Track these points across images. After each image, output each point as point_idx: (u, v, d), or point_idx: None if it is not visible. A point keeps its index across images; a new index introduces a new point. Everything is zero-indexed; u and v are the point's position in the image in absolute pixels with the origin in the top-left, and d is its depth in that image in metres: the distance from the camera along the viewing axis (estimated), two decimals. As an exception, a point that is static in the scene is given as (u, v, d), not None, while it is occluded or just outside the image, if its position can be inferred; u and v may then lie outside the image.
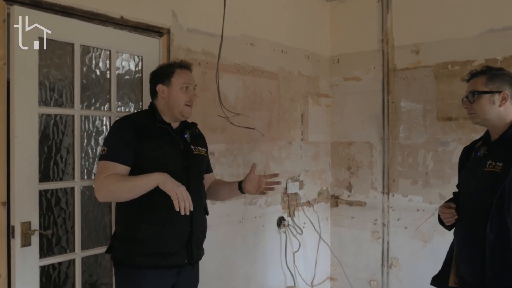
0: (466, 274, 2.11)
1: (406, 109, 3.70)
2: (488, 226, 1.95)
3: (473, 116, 2.14)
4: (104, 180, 2.02)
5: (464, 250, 2.13)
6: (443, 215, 2.20)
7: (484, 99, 2.07)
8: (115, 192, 2.04)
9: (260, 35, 3.39)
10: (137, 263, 2.09)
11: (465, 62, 3.40)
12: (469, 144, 2.34)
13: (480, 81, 2.09)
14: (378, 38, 3.83)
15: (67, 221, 2.34)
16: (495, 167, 1.99)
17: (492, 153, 2.06)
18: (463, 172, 2.24)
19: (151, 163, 2.11)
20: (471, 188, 2.14)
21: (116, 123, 2.21)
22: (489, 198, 1.97)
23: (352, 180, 4.00)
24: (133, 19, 2.57)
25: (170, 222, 2.12)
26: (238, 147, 3.22)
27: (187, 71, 2.29)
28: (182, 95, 2.22)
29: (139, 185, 2.02)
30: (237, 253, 3.23)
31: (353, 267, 3.96)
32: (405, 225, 3.70)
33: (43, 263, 2.23)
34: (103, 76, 2.51)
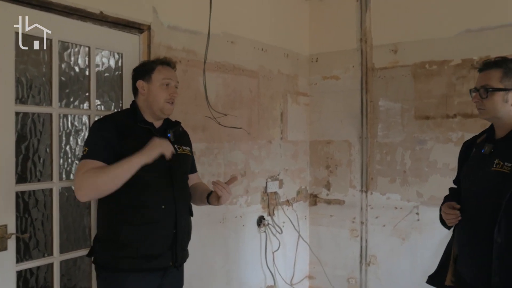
0: (467, 276, 2.04)
1: (384, 108, 3.73)
2: (496, 229, 1.85)
3: (482, 111, 2.01)
4: (84, 175, 1.93)
5: (466, 252, 2.05)
6: (446, 216, 2.09)
7: (497, 96, 1.93)
8: (98, 184, 1.93)
9: (240, 33, 3.36)
10: (121, 267, 2.03)
11: (443, 61, 3.46)
12: (469, 139, 2.25)
13: (495, 75, 1.94)
14: (357, 37, 3.86)
15: (45, 224, 2.25)
16: (503, 167, 1.88)
17: (500, 151, 1.95)
18: (464, 169, 2.16)
19: None
20: (474, 187, 2.04)
21: (96, 123, 2.14)
22: (495, 199, 1.87)
23: (331, 179, 4.01)
24: (113, 14, 2.49)
25: (154, 224, 2.07)
26: (219, 146, 3.18)
27: (168, 68, 2.23)
28: (162, 92, 2.16)
29: (125, 169, 1.93)
30: (218, 253, 3.19)
31: (331, 265, 3.98)
32: (383, 223, 3.73)
33: (20, 268, 2.14)
34: (82, 74, 2.42)
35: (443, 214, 2.12)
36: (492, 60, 2.00)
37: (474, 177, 2.06)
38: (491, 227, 1.88)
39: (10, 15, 2.07)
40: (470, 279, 2.03)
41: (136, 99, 2.23)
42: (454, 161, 3.35)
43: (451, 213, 2.06)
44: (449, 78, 3.43)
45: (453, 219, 2.06)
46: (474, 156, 2.12)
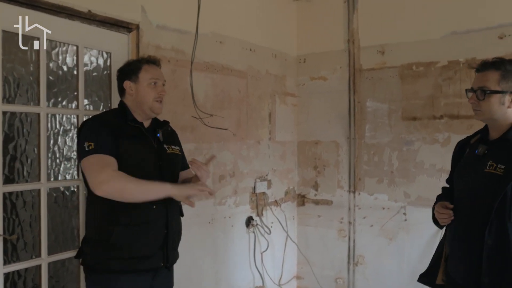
0: (457, 275, 2.04)
1: (372, 109, 3.76)
2: (487, 230, 1.86)
3: (478, 113, 2.00)
4: (115, 174, 1.93)
5: (457, 252, 2.05)
6: (439, 215, 2.09)
7: (494, 98, 1.92)
8: (125, 189, 1.93)
9: (229, 33, 3.35)
10: (111, 268, 2.01)
11: (429, 63, 3.49)
12: (463, 139, 2.25)
13: (493, 77, 1.92)
14: (344, 38, 3.88)
15: (33, 225, 2.21)
16: (496, 169, 1.88)
17: (493, 153, 1.95)
18: (458, 169, 2.15)
19: (125, 163, 2.03)
20: (467, 188, 2.04)
21: (91, 121, 2.08)
22: (488, 201, 1.88)
23: (319, 179, 4.03)
24: (101, 13, 2.46)
25: (145, 224, 2.05)
26: (208, 147, 3.17)
27: (154, 67, 2.21)
28: (150, 91, 2.15)
29: (155, 190, 1.98)
30: (207, 254, 3.18)
31: (319, 265, 3.99)
32: (370, 223, 3.76)
33: (7, 270, 2.10)
34: (70, 73, 2.39)
35: (436, 214, 2.13)
36: (490, 61, 1.97)
37: (467, 178, 2.06)
38: (483, 229, 1.89)
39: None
40: (460, 279, 2.04)
41: (123, 99, 2.20)
42: (440, 161, 3.43)
43: (444, 213, 2.06)
44: (435, 80, 3.47)
45: (445, 218, 2.07)
46: (468, 157, 2.12)
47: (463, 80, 3.36)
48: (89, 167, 1.95)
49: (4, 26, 2.07)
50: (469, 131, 3.23)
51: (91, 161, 1.95)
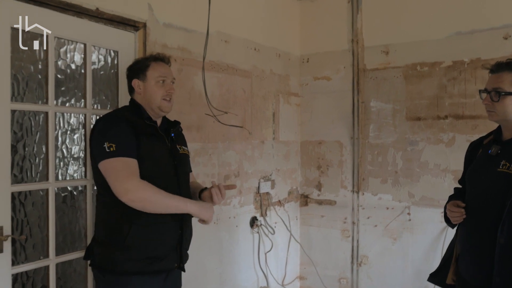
0: (468, 275, 2.05)
1: (376, 109, 3.75)
2: (499, 229, 1.87)
3: (492, 114, 2.00)
4: (141, 184, 1.91)
5: (469, 251, 2.06)
6: (450, 214, 2.10)
7: (509, 99, 1.94)
8: (151, 202, 1.92)
9: (233, 33, 3.33)
10: (124, 269, 1.97)
11: (434, 63, 3.49)
12: (476, 140, 2.26)
13: (508, 78, 1.94)
14: (348, 38, 3.87)
15: (41, 225, 2.18)
16: (509, 169, 1.89)
17: (506, 153, 1.96)
18: (470, 169, 2.16)
19: (145, 162, 2.00)
20: (479, 187, 2.05)
21: (107, 119, 2.05)
22: (500, 200, 1.89)
23: (322, 179, 4.01)
24: (109, 11, 2.44)
25: (161, 225, 2.02)
26: (213, 147, 3.15)
27: (162, 64, 2.19)
28: (158, 89, 2.12)
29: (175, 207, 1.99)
30: (212, 254, 3.16)
31: (322, 266, 3.98)
32: (374, 223, 3.75)
33: (16, 271, 2.07)
34: (78, 71, 2.36)
35: (448, 212, 2.14)
36: (504, 62, 1.98)
37: (480, 177, 2.07)
38: (495, 228, 1.90)
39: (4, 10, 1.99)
40: (471, 278, 2.04)
41: (134, 98, 2.18)
42: (445, 162, 3.44)
43: (456, 211, 2.07)
44: (440, 80, 3.47)
45: (457, 217, 2.07)
46: (481, 157, 2.13)
47: (468, 80, 3.36)
48: (113, 171, 1.91)
49: (13, 23, 2.03)
50: (474, 131, 3.28)
51: (114, 165, 1.91)
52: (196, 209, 2.02)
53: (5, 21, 2.00)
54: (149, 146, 2.01)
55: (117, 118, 2.04)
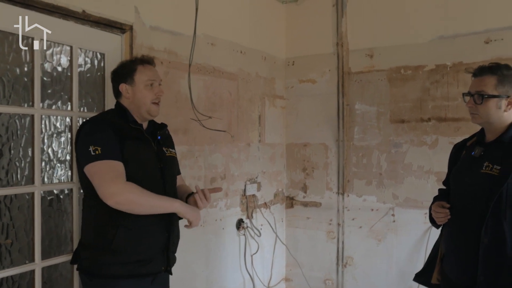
0: (453, 274, 2.09)
1: (360, 112, 3.79)
2: (483, 229, 1.91)
3: (475, 116, 2.06)
4: (128, 186, 1.90)
5: (453, 251, 2.11)
6: (435, 215, 2.14)
7: (491, 102, 1.99)
8: (137, 203, 1.92)
9: (220, 35, 3.34)
10: (111, 273, 1.97)
11: (417, 67, 3.55)
12: (459, 142, 2.31)
13: (490, 82, 1.99)
14: (333, 41, 3.91)
15: (27, 229, 2.16)
16: (492, 170, 1.95)
17: (489, 154, 2.01)
18: (454, 170, 2.21)
19: (130, 165, 1.99)
20: (464, 188, 2.10)
21: (92, 122, 2.04)
22: (484, 201, 1.93)
23: (307, 181, 4.04)
24: (95, 13, 2.43)
25: (148, 228, 2.02)
26: (200, 149, 3.15)
27: (149, 67, 2.18)
28: (148, 93, 2.12)
29: (162, 207, 1.98)
30: (198, 257, 3.16)
31: (308, 267, 4.00)
32: (359, 225, 3.79)
33: (1, 276, 2.04)
34: (64, 74, 2.35)
35: (433, 213, 2.18)
36: (487, 66, 2.04)
37: (463, 178, 2.12)
38: (479, 228, 1.95)
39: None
40: (455, 278, 2.09)
41: (120, 101, 2.17)
42: (428, 163, 3.49)
43: (440, 212, 2.12)
44: (423, 83, 3.53)
45: (442, 217, 2.12)
46: (464, 159, 2.18)
47: (450, 83, 3.42)
48: (99, 174, 1.90)
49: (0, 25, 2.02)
50: (456, 133, 3.34)
51: (100, 168, 1.90)
52: (183, 209, 2.01)
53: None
54: (133, 150, 2.01)
55: (102, 121, 2.03)
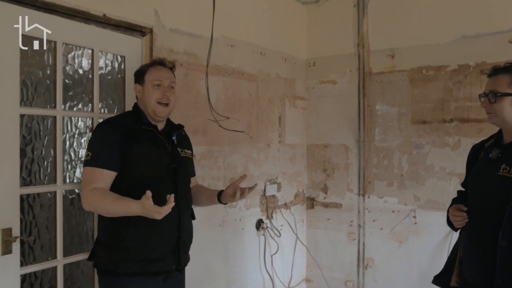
0: (471, 277, 2.07)
1: (381, 112, 3.76)
2: (501, 232, 1.89)
3: (491, 116, 2.04)
4: (89, 194, 1.96)
5: (471, 254, 2.09)
6: (453, 218, 2.13)
7: (506, 100, 1.98)
8: (98, 210, 2.02)
9: (239, 37, 3.37)
10: (123, 270, 2.03)
11: (439, 67, 3.50)
12: (478, 143, 2.29)
13: (504, 80, 1.99)
14: (354, 42, 3.89)
15: (49, 227, 2.23)
16: (510, 172, 1.93)
17: (507, 156, 2.00)
18: (472, 172, 2.19)
19: (138, 166, 2.06)
20: (481, 191, 2.08)
21: (100, 126, 2.14)
22: (501, 203, 1.91)
23: (328, 182, 4.03)
24: (116, 17, 2.49)
25: (158, 227, 2.06)
26: (219, 150, 3.19)
27: (160, 68, 2.21)
28: (153, 92, 2.15)
29: (121, 212, 1.94)
30: (217, 257, 3.19)
31: (328, 268, 3.99)
32: (380, 226, 3.76)
33: (24, 272, 2.12)
34: (86, 76, 2.42)
35: (451, 216, 2.17)
36: (501, 66, 2.04)
37: (481, 181, 2.09)
38: (496, 231, 1.92)
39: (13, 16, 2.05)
40: (473, 281, 2.07)
41: (137, 103, 2.24)
42: (451, 165, 3.44)
43: (458, 215, 2.10)
44: (445, 83, 3.47)
45: (460, 221, 2.10)
46: (482, 160, 2.15)
47: (473, 84, 3.36)
48: (82, 179, 2.04)
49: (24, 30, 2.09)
50: (479, 134, 3.28)
51: (84, 173, 2.03)
52: (139, 210, 1.84)
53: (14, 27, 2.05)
54: (143, 151, 2.07)
55: (107, 125, 2.10)
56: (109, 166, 2.00)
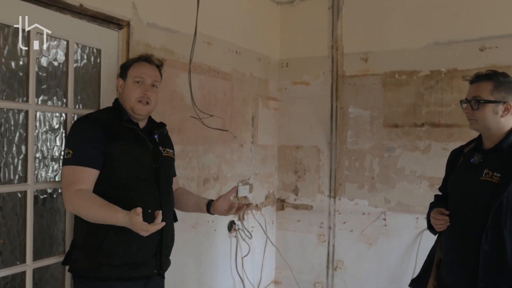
0: (452, 281, 2.09)
1: (354, 115, 3.79)
2: (483, 237, 1.92)
3: (473, 122, 2.07)
4: (74, 196, 1.86)
5: (452, 258, 2.11)
6: (435, 221, 2.14)
7: (488, 108, 2.00)
8: (81, 213, 1.89)
9: (215, 34, 3.30)
10: (102, 275, 1.93)
11: (412, 72, 3.56)
12: (457, 148, 2.32)
13: (486, 87, 2.02)
14: (328, 44, 3.89)
15: (18, 229, 2.08)
16: (492, 177, 1.95)
17: (488, 162, 2.02)
18: (453, 177, 2.21)
19: (119, 165, 1.97)
20: (463, 195, 2.10)
21: (78, 122, 2.02)
22: (484, 208, 1.94)
23: (299, 184, 4.02)
24: (93, 8, 2.36)
25: None
26: (194, 149, 3.10)
27: (145, 64, 2.13)
28: (134, 89, 2.07)
29: (106, 221, 1.84)
30: (190, 259, 3.11)
31: (298, 270, 3.98)
32: (351, 228, 3.78)
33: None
34: (60, 69, 2.28)
35: (432, 220, 2.18)
36: (483, 73, 2.07)
37: (463, 185, 2.12)
38: (478, 235, 1.95)
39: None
40: (455, 285, 2.09)
41: (119, 98, 2.14)
42: (421, 168, 3.50)
43: (440, 219, 2.11)
44: (417, 88, 3.53)
45: (442, 224, 2.12)
46: (463, 165, 2.18)
47: (444, 89, 3.44)
48: (63, 179, 1.94)
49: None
50: (449, 139, 3.36)
51: (65, 172, 1.92)
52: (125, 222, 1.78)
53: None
54: (124, 149, 1.98)
55: (86, 122, 1.99)
56: (92, 164, 1.89)
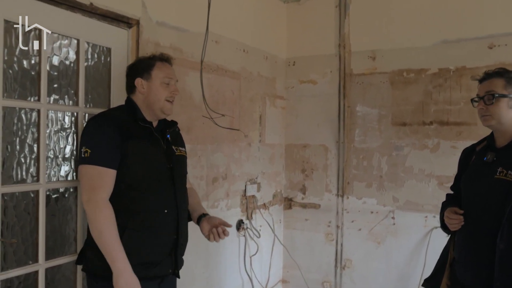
0: (466, 280, 2.08)
1: (361, 114, 3.78)
2: (499, 235, 1.90)
3: (487, 118, 2.04)
4: (104, 210, 1.84)
5: (467, 257, 2.09)
6: (449, 221, 2.12)
7: (502, 102, 1.99)
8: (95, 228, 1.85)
9: (224, 33, 3.29)
10: None
11: (420, 70, 3.54)
12: (469, 146, 2.30)
13: (499, 83, 2.01)
14: (335, 42, 3.88)
15: (31, 228, 2.07)
16: (506, 176, 1.93)
17: (502, 160, 2.00)
18: (465, 176, 2.19)
19: (135, 165, 1.95)
20: (477, 194, 2.07)
21: (94, 121, 1.99)
22: (499, 206, 1.92)
23: (307, 183, 4.01)
24: (103, 7, 2.36)
25: (155, 229, 1.97)
26: (202, 148, 3.09)
27: (168, 65, 2.15)
28: (163, 90, 2.08)
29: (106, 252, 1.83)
30: (199, 259, 3.10)
31: (306, 269, 3.97)
32: (359, 227, 3.77)
33: (3, 277, 1.96)
34: (71, 68, 2.27)
35: (446, 219, 2.16)
36: (493, 71, 2.06)
37: (476, 184, 2.10)
38: (494, 233, 1.93)
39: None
40: (470, 284, 2.07)
41: (132, 97, 2.12)
42: (429, 167, 3.49)
43: (454, 218, 2.10)
44: (425, 86, 3.52)
45: (456, 224, 2.10)
46: (475, 164, 2.16)
47: (453, 87, 3.42)
48: (83, 179, 1.89)
49: (6, 15, 1.94)
50: (458, 137, 3.35)
51: (85, 172, 1.88)
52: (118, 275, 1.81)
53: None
54: (139, 149, 1.96)
55: (103, 120, 1.97)
56: (110, 164, 1.88)
